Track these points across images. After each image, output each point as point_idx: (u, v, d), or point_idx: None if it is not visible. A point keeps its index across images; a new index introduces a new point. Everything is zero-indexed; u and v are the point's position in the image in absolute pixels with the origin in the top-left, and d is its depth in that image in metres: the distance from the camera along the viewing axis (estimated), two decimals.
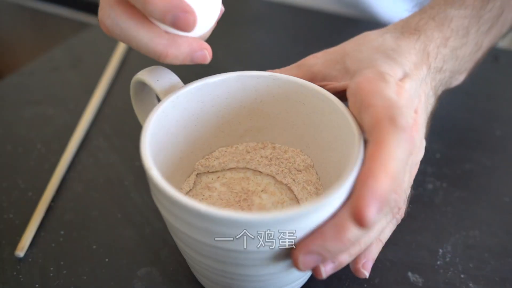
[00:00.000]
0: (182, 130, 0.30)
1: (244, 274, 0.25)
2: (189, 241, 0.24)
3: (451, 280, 0.31)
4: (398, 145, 0.21)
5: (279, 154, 0.32)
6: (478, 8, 0.32)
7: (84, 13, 0.68)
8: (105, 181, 0.38)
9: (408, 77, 0.28)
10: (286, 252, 0.23)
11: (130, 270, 0.31)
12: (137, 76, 0.29)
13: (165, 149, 0.28)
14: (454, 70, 0.32)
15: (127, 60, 0.53)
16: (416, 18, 0.32)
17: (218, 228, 0.22)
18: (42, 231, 0.34)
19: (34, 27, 0.74)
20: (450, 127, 0.45)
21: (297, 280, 0.28)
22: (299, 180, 0.31)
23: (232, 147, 0.33)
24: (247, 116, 0.32)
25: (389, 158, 0.21)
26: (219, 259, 0.24)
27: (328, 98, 0.28)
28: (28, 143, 0.42)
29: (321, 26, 0.60)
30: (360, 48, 0.29)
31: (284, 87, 0.30)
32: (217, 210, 0.21)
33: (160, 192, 0.23)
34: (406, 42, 0.29)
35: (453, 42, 0.31)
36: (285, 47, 0.56)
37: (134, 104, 0.31)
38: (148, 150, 0.24)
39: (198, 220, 0.22)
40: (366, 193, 0.20)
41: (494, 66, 0.54)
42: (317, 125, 0.30)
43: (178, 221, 0.23)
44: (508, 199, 0.37)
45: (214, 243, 0.23)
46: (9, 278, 0.31)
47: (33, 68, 0.52)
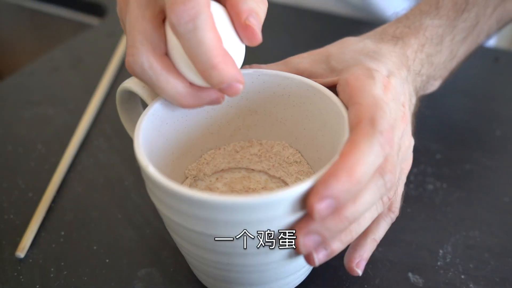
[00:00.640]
0: (173, 133, 0.30)
1: (244, 264, 0.25)
2: (189, 234, 0.24)
3: (452, 280, 0.31)
4: (370, 150, 0.23)
5: (266, 150, 0.33)
6: (452, 18, 0.33)
7: (84, 13, 0.68)
8: (106, 181, 0.38)
9: (392, 75, 0.28)
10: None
11: (131, 271, 0.31)
12: (123, 85, 0.28)
13: (158, 153, 0.28)
14: (430, 75, 0.33)
15: None
16: (393, 27, 0.33)
17: (218, 215, 0.22)
18: (43, 232, 0.34)
19: (35, 27, 0.74)
20: (450, 128, 0.45)
21: (297, 271, 0.28)
22: (291, 172, 0.32)
23: (220, 149, 0.33)
24: (235, 115, 0.32)
25: (357, 161, 0.22)
26: (219, 250, 0.24)
27: (313, 87, 0.29)
28: (28, 144, 0.42)
29: (321, 26, 0.60)
30: (343, 50, 0.30)
31: (269, 81, 0.30)
32: (218, 196, 0.21)
33: (158, 186, 0.23)
34: (386, 46, 0.31)
35: (428, 48, 0.32)
36: (285, 48, 0.56)
37: (121, 114, 0.31)
38: (142, 149, 0.25)
39: (199, 209, 0.22)
40: (322, 190, 0.21)
41: (494, 66, 0.54)
42: (305, 114, 0.30)
43: (177, 215, 0.24)
44: (508, 200, 0.37)
45: (214, 233, 0.23)
46: (9, 279, 0.31)
47: (33, 69, 0.52)
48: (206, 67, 0.23)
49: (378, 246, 0.33)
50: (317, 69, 0.30)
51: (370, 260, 0.32)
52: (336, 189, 0.21)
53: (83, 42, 0.57)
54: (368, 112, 0.24)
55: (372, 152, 0.23)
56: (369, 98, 0.25)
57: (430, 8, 0.34)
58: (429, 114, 0.47)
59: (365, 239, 0.29)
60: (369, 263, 0.32)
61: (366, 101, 0.25)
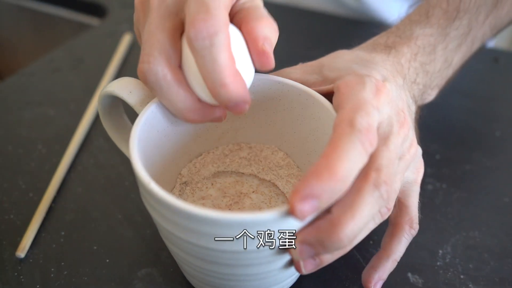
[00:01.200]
0: (163, 139, 0.29)
1: (245, 273, 0.25)
2: (190, 247, 0.24)
3: (451, 280, 0.31)
4: (349, 146, 0.22)
5: (255, 153, 0.33)
6: (444, 26, 0.33)
7: (85, 14, 0.68)
8: (106, 182, 0.38)
9: (387, 80, 0.28)
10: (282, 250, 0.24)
11: (131, 271, 0.32)
12: (106, 89, 0.28)
13: (150, 162, 0.28)
14: (426, 84, 0.33)
15: (127, 61, 0.53)
16: (384, 37, 0.33)
17: (217, 230, 0.22)
18: (43, 232, 0.34)
19: (35, 28, 0.74)
20: (449, 128, 0.45)
21: (291, 276, 0.28)
22: (282, 175, 0.32)
23: (209, 153, 0.33)
24: None
25: (337, 158, 0.22)
26: (219, 262, 0.24)
27: (305, 92, 0.29)
28: (29, 144, 0.42)
29: (322, 27, 0.60)
30: (336, 60, 0.30)
31: (259, 85, 0.30)
32: (224, 214, 0.21)
33: (157, 200, 0.23)
34: (380, 55, 0.31)
35: (421, 57, 0.32)
36: (285, 48, 0.56)
37: (103, 119, 0.30)
38: (140, 163, 0.24)
39: (204, 225, 0.22)
40: (303, 189, 0.21)
41: (494, 67, 0.55)
42: (296, 118, 0.30)
43: (172, 225, 0.23)
44: (508, 200, 0.37)
45: (213, 246, 0.23)
46: (10, 279, 0.31)
47: (34, 69, 0.52)
48: (216, 85, 0.23)
49: (377, 246, 0.33)
50: (309, 79, 0.30)
51: (369, 260, 0.32)
52: (318, 187, 0.21)
53: (84, 43, 0.57)
54: (348, 114, 0.24)
55: (351, 148, 0.22)
56: (354, 101, 0.25)
57: (420, 17, 0.34)
58: (428, 114, 0.47)
59: (387, 259, 0.28)
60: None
61: (350, 105, 0.24)
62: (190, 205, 0.22)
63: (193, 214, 0.22)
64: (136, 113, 0.28)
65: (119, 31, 0.58)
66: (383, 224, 0.35)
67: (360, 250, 0.33)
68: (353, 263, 0.32)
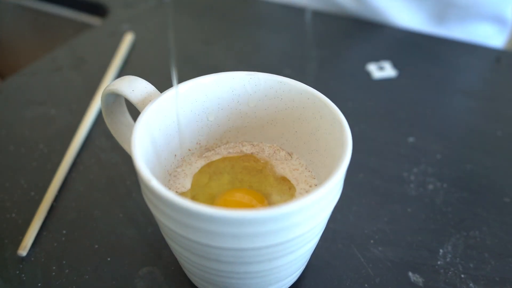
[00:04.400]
0: (166, 138, 0.29)
1: (249, 271, 0.25)
2: (192, 245, 0.24)
3: (452, 280, 0.31)
4: None
5: (258, 152, 0.33)
6: None
7: (86, 13, 0.68)
8: (107, 181, 0.38)
9: None
10: (288, 245, 0.24)
11: (132, 270, 0.32)
12: (109, 87, 0.28)
13: (152, 161, 0.28)
14: None
15: (129, 60, 0.53)
16: None
17: (218, 228, 0.22)
18: (45, 231, 0.34)
19: (36, 27, 0.74)
20: (450, 128, 0.45)
21: (292, 274, 0.28)
22: (289, 168, 0.32)
23: (211, 151, 0.33)
24: (225, 117, 0.32)
25: None
26: (220, 259, 0.24)
27: (307, 92, 0.29)
28: (30, 143, 0.42)
29: (322, 27, 0.60)
30: None
31: (261, 85, 0.30)
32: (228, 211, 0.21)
33: (158, 198, 0.23)
34: None
35: None
36: (286, 49, 0.56)
37: (106, 117, 0.31)
38: (142, 160, 0.24)
39: (209, 223, 0.22)
40: None
41: (496, 67, 0.55)
42: (297, 118, 0.30)
43: (173, 223, 0.23)
44: (508, 200, 0.38)
45: (215, 244, 0.23)
46: (11, 277, 0.31)
47: (35, 69, 0.52)
48: None
49: (378, 245, 0.33)
50: None
51: (370, 259, 0.32)
52: None
53: (85, 42, 0.57)
54: None
55: None
56: None
57: None
58: (430, 113, 0.47)
59: None
60: (369, 263, 0.32)
61: None
62: (191, 202, 0.22)
63: (194, 212, 0.22)
64: (138, 111, 0.28)
65: (120, 30, 0.58)
66: (383, 224, 0.35)
67: (360, 249, 0.33)
68: (354, 262, 0.32)
